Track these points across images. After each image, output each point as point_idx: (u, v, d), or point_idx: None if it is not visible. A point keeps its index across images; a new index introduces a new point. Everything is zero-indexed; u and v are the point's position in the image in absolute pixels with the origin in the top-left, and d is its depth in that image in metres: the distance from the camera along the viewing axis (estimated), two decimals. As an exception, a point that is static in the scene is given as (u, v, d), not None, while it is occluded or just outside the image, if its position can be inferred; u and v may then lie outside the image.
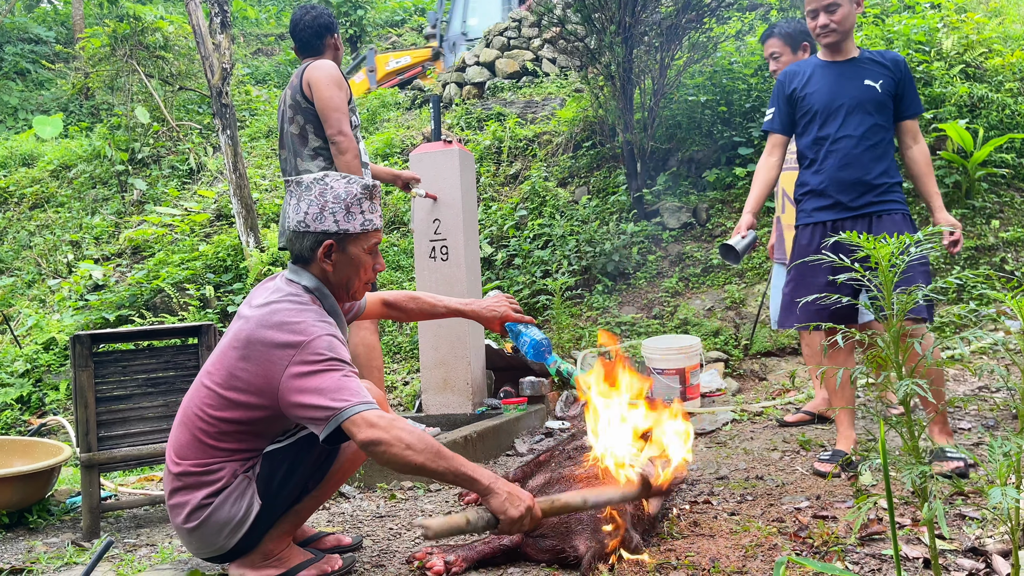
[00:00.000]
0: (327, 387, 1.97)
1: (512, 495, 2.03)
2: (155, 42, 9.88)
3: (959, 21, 6.77)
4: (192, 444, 2.14)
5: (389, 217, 7.81)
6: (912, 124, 3.16)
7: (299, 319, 2.07)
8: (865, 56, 3.16)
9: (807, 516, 2.65)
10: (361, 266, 2.25)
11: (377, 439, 1.91)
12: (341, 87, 3.55)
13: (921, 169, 3.13)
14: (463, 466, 2.00)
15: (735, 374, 5.11)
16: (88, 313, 6.89)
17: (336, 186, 2.20)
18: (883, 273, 1.41)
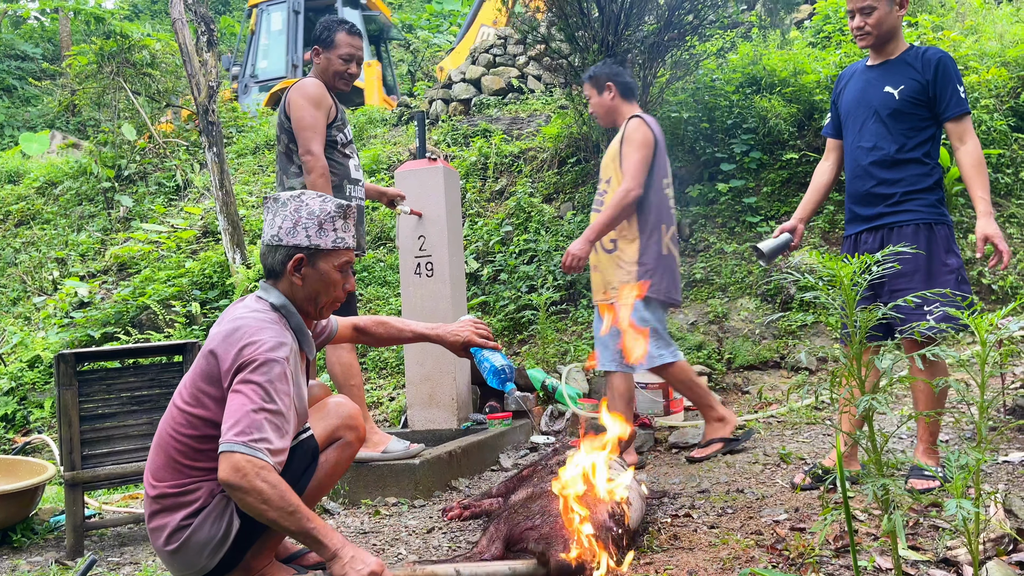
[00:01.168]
0: (235, 413, 1.99)
1: (356, 559, 2.01)
2: (142, 60, 9.91)
3: (936, 39, 6.89)
4: (167, 466, 2.16)
5: (375, 233, 7.84)
6: (954, 126, 2.92)
7: (256, 338, 2.09)
8: (902, 57, 3.01)
9: (784, 528, 2.68)
10: (330, 283, 2.28)
11: (236, 484, 1.93)
12: (318, 105, 3.52)
13: (968, 172, 2.90)
14: (315, 530, 1.99)
15: (718, 388, 5.16)
16: (73, 330, 6.87)
17: (311, 203, 2.26)
18: (846, 292, 1.46)
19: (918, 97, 2.94)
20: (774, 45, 7.61)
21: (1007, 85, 6.49)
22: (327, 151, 3.57)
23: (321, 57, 3.67)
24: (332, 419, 2.39)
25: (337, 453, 2.39)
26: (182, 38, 7.13)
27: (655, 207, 3.78)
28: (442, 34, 15.79)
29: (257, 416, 2.00)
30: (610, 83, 3.93)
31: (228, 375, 2.08)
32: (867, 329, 1.43)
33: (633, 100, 3.99)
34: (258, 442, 1.97)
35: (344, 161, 3.68)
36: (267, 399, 2.02)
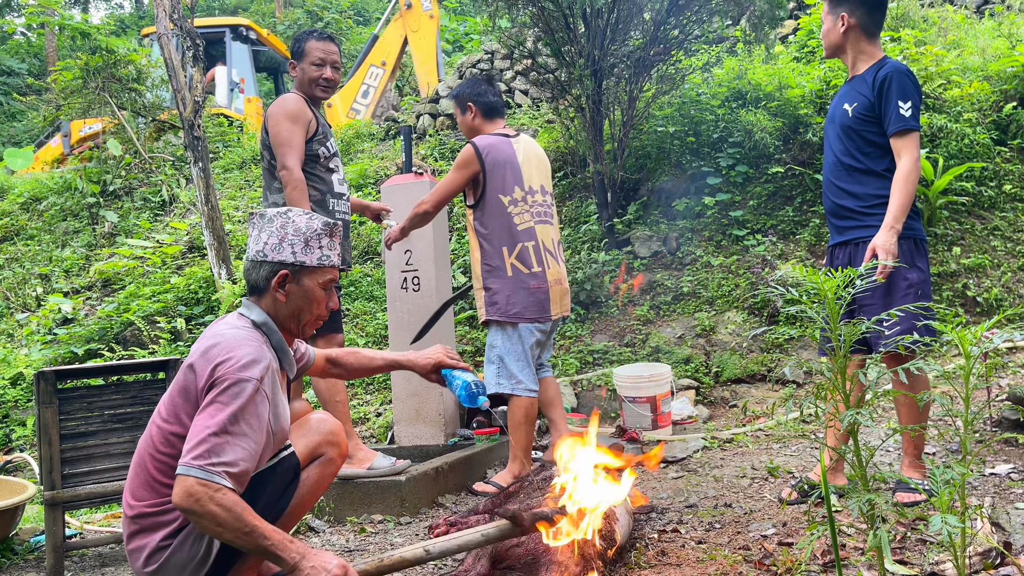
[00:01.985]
0: (196, 435, 1.97)
1: (316, 568, 1.98)
2: (128, 75, 9.88)
3: (918, 53, 6.96)
4: (146, 484, 2.12)
5: (362, 248, 7.82)
6: (895, 141, 2.93)
7: (230, 355, 2.06)
8: (863, 74, 3.05)
9: (773, 543, 2.67)
10: (314, 300, 2.27)
11: (189, 508, 1.92)
12: (296, 120, 3.50)
13: (893, 184, 2.92)
14: (272, 546, 1.97)
15: (706, 401, 5.15)
16: (57, 347, 6.80)
17: (298, 220, 2.26)
18: (829, 305, 1.45)
19: (867, 114, 2.98)
20: (759, 60, 7.66)
21: (989, 99, 6.56)
22: (309, 165, 3.55)
23: (297, 69, 3.70)
24: (314, 436, 2.37)
25: (319, 470, 2.37)
26: (167, 53, 7.11)
27: (496, 229, 3.75)
28: (429, 49, 15.84)
29: (218, 439, 1.96)
30: (471, 103, 3.96)
31: (202, 393, 2.06)
32: (851, 343, 1.43)
33: (497, 118, 3.99)
34: (215, 465, 1.94)
35: (327, 175, 3.64)
36: (231, 420, 1.99)
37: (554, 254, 3.86)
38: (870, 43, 3.08)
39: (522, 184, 3.79)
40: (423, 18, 11.72)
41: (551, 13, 6.34)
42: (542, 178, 3.92)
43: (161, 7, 7.22)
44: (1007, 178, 6.12)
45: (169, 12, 7.12)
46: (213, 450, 1.95)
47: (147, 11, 24.28)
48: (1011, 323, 5.16)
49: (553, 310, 3.78)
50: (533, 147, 3.96)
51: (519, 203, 3.77)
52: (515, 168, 3.79)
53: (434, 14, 11.68)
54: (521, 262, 3.73)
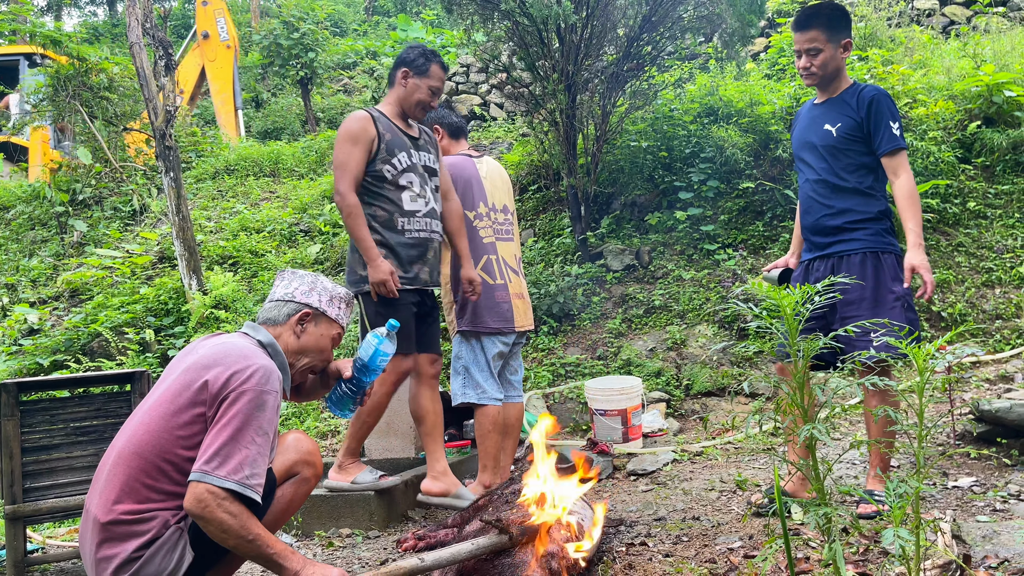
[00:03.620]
0: (212, 443, 2.04)
1: (317, 574, 2.07)
2: (99, 83, 9.77)
3: (885, 72, 7.09)
4: (127, 488, 2.09)
5: (336, 259, 7.79)
6: (888, 160, 3.02)
7: (247, 365, 2.13)
8: (842, 96, 3.12)
9: (739, 556, 2.69)
10: (321, 348, 2.44)
11: (198, 514, 2.00)
12: (355, 141, 3.40)
13: (900, 204, 2.99)
14: (275, 555, 2.06)
15: (676, 414, 5.19)
16: (22, 358, 6.68)
17: (326, 282, 2.50)
18: (788, 321, 1.48)
19: (854, 134, 3.05)
20: (731, 77, 7.77)
21: (954, 118, 6.69)
22: (374, 185, 3.44)
23: (409, 81, 3.54)
24: (291, 454, 2.40)
25: (294, 488, 2.40)
26: (139, 62, 7.06)
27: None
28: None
29: (234, 448, 2.03)
30: (437, 126, 4.01)
31: (215, 400, 2.09)
32: (809, 357, 1.45)
33: (461, 139, 4.07)
34: (232, 472, 2.01)
35: (395, 193, 3.46)
36: (248, 429, 2.06)
37: (515, 269, 3.93)
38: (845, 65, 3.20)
39: (485, 200, 3.88)
40: (220, 48, 11.97)
41: (525, 27, 6.39)
42: (505, 198, 4.00)
43: (134, 16, 7.17)
44: (971, 195, 6.25)
45: (141, 21, 7.07)
46: (228, 459, 2.01)
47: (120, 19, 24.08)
48: (972, 337, 5.25)
49: (517, 322, 3.82)
50: (496, 168, 4.05)
51: (484, 218, 3.86)
52: (479, 185, 3.88)
53: (231, 44, 11.83)
54: (486, 273, 3.79)
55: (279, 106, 14.31)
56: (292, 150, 10.88)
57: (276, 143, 11.64)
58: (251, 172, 10.40)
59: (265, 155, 10.70)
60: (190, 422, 2.10)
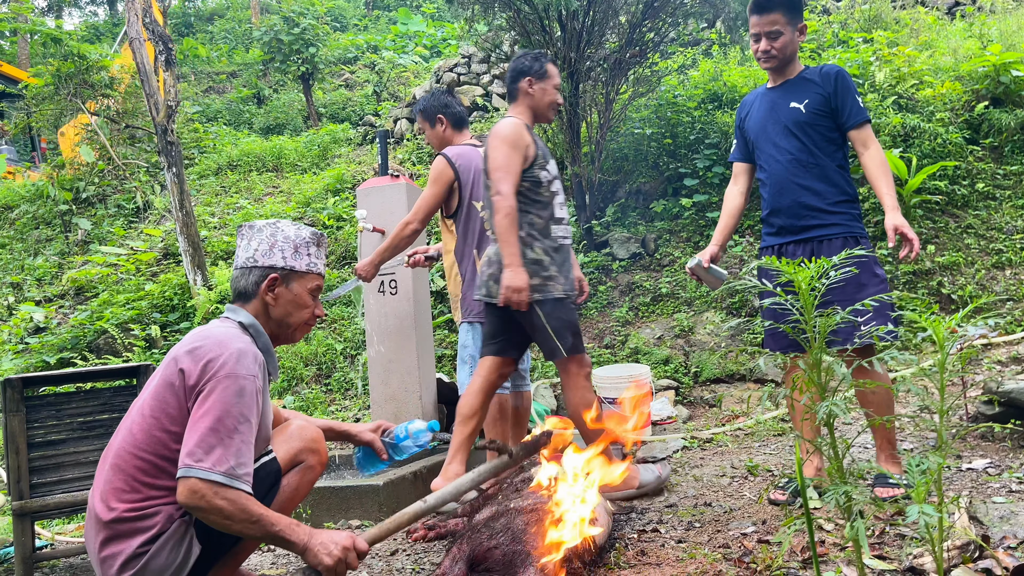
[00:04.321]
0: (194, 435, 1.99)
1: (325, 543, 2.06)
2: (100, 80, 9.75)
3: (891, 55, 7.02)
4: (127, 486, 2.07)
5: (340, 252, 7.76)
6: (857, 133, 3.03)
7: (221, 352, 2.07)
8: (801, 76, 3.13)
9: (752, 541, 2.66)
10: (302, 305, 2.32)
11: (195, 505, 1.96)
12: (514, 146, 3.33)
13: (873, 172, 2.99)
14: (281, 531, 2.04)
15: (685, 401, 5.15)
16: (28, 356, 6.68)
17: (287, 229, 2.33)
18: (804, 297, 1.44)
19: (822, 109, 3.04)
20: (734, 61, 7.71)
21: (961, 99, 6.63)
22: (532, 192, 3.37)
23: (535, 87, 3.49)
24: (295, 442, 2.35)
25: (299, 477, 2.35)
26: (140, 57, 7.03)
27: (470, 233, 3.80)
28: (407, 55, 15.80)
29: (219, 439, 1.98)
30: (441, 115, 3.99)
31: (192, 392, 2.05)
32: (826, 334, 1.42)
33: (464, 129, 4.02)
34: (217, 463, 1.96)
35: (549, 200, 3.43)
36: (228, 418, 2.01)
37: None
38: None
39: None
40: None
41: (527, 16, 6.34)
42: None
43: (133, 12, 7.14)
44: (980, 177, 6.19)
45: (141, 17, 7.04)
46: (212, 450, 1.97)
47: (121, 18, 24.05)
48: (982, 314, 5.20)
49: None
50: None
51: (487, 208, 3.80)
52: (478, 178, 3.83)
53: None
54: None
55: (281, 102, 14.28)
56: (295, 144, 10.85)
57: (278, 138, 11.61)
58: (254, 167, 10.38)
59: (268, 150, 10.67)
60: (178, 417, 2.06)
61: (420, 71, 13.84)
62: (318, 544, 2.06)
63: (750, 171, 3.36)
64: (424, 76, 12.71)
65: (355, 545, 2.09)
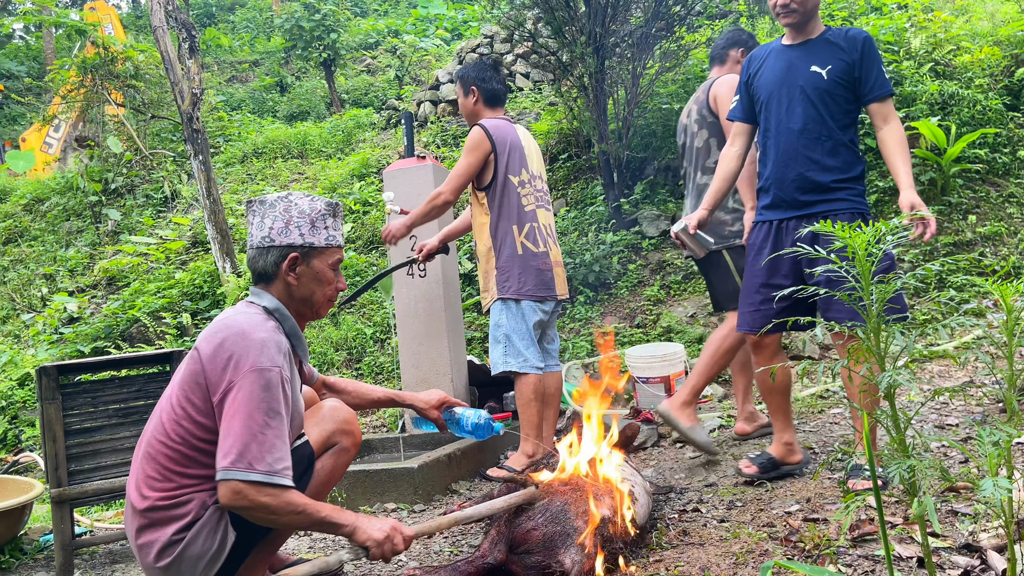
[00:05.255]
0: (229, 435, 1.95)
1: (372, 524, 2.06)
2: (125, 71, 9.79)
3: (926, 20, 6.83)
4: (159, 475, 2.06)
5: (367, 237, 7.74)
6: (879, 107, 2.83)
7: (244, 345, 2.02)
8: (824, 36, 2.89)
9: (797, 520, 2.59)
10: (324, 281, 2.24)
11: (239, 506, 1.94)
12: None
13: (890, 149, 2.80)
14: (327, 517, 2.02)
15: (720, 379, 5.07)
16: (63, 346, 6.76)
17: (300, 203, 2.23)
18: (860, 263, 1.37)
19: (844, 77, 2.82)
20: (763, 32, 7.54)
21: (1000, 64, 6.43)
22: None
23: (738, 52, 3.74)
24: (327, 424, 2.31)
25: (333, 459, 2.31)
26: (163, 46, 7.03)
27: (507, 208, 3.72)
28: (428, 38, 15.70)
29: (249, 436, 1.94)
30: (474, 87, 3.89)
31: (217, 388, 2.00)
32: (883, 303, 1.34)
33: (497, 107, 3.92)
34: (255, 462, 1.93)
35: None
36: (257, 414, 1.96)
37: (553, 238, 3.88)
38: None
39: (527, 167, 3.80)
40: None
41: (550, -9, 6.24)
42: (540, 167, 3.94)
43: (156, 1, 7.14)
44: (1021, 144, 6.00)
45: (164, 5, 7.03)
46: (251, 449, 1.93)
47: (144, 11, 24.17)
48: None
49: (558, 290, 3.78)
50: (529, 136, 3.95)
51: (526, 184, 3.78)
52: (520, 150, 3.78)
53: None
54: (529, 241, 3.72)
55: (303, 89, 14.28)
56: (319, 131, 10.84)
57: (302, 124, 11.61)
58: (279, 154, 10.39)
59: (292, 137, 10.67)
60: (204, 410, 2.03)
61: (442, 54, 13.74)
62: (366, 523, 2.05)
63: (751, 132, 3.10)
64: (446, 59, 12.62)
65: (401, 529, 2.08)
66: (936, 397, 1.18)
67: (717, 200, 3.14)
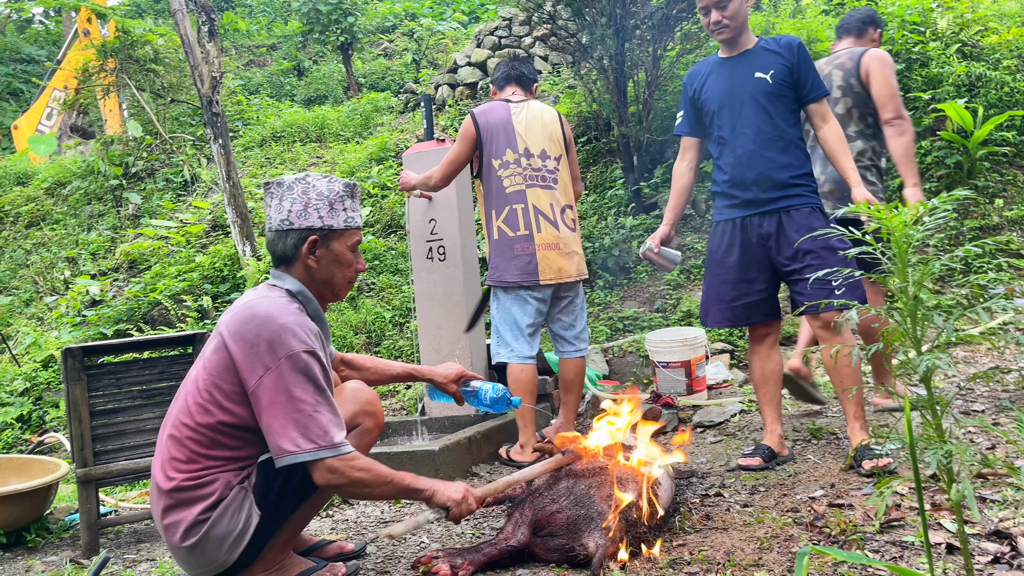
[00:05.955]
0: (297, 419, 1.99)
1: (448, 486, 2.22)
2: (145, 55, 9.82)
3: (953, 0, 6.70)
4: (183, 456, 2.07)
5: (386, 221, 7.74)
6: (817, 107, 3.03)
7: (278, 327, 2.04)
8: (759, 46, 3.09)
9: (822, 505, 2.57)
10: (344, 263, 2.26)
11: (336, 484, 2.04)
12: (894, 73, 3.60)
13: (834, 146, 3.00)
14: (409, 484, 2.17)
15: (741, 364, 5.04)
16: (86, 329, 6.82)
17: (318, 184, 2.22)
18: (897, 243, 1.34)
19: (787, 80, 3.01)
20: (786, 14, 7.44)
21: (1029, 45, 6.30)
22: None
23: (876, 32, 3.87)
24: (350, 405, 2.31)
25: (356, 441, 2.31)
26: (183, 29, 7.03)
27: (488, 193, 3.70)
28: (445, 21, 15.62)
29: (315, 415, 2.00)
30: (492, 84, 3.97)
31: (253, 375, 2.02)
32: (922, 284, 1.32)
33: (506, 86, 3.90)
34: (331, 437, 2.01)
35: None
36: (311, 393, 2.02)
37: (551, 219, 3.66)
38: None
39: (515, 147, 3.67)
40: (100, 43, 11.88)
41: (571, -28, 6.17)
42: (545, 143, 3.74)
43: (175, -17, 7.13)
44: (1050, 127, 5.89)
45: (183, -12, 7.03)
46: (319, 427, 2.00)
47: (162, -6, 24.21)
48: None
49: (543, 275, 3.59)
50: (540, 113, 3.79)
51: (510, 165, 3.67)
52: (508, 131, 3.69)
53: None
54: (507, 225, 3.64)
55: (321, 73, 14.25)
56: (337, 114, 10.83)
57: (320, 108, 11.60)
58: (297, 138, 10.39)
59: (310, 120, 10.67)
60: (232, 395, 2.05)
61: (459, 37, 13.67)
62: (441, 487, 2.20)
63: (699, 145, 3.32)
64: (464, 42, 12.55)
65: (471, 491, 2.22)
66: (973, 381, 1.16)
67: (677, 215, 3.38)
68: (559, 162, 3.78)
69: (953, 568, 1.98)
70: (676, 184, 3.39)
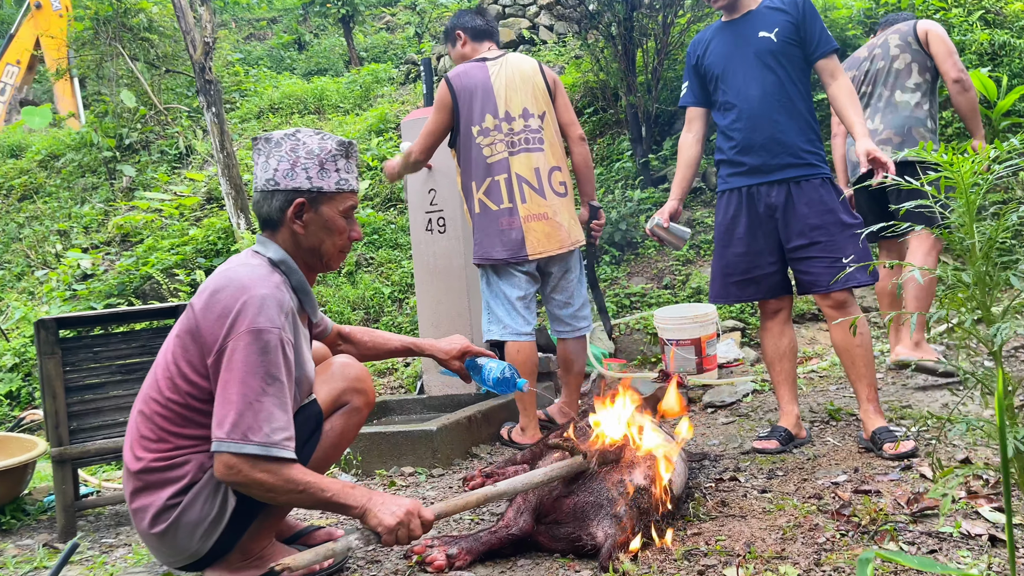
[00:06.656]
0: (224, 404, 1.79)
1: (387, 503, 1.85)
2: (139, 24, 9.57)
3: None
4: (152, 434, 1.89)
5: (385, 194, 7.54)
6: (828, 62, 2.88)
7: (241, 302, 1.83)
8: (763, 5, 2.94)
9: (847, 491, 2.39)
10: (335, 230, 2.03)
11: (234, 481, 1.79)
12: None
13: (843, 101, 2.85)
14: (333, 496, 1.83)
15: (753, 343, 4.85)
16: (76, 303, 6.65)
17: (309, 142, 2.00)
18: (962, 195, 1.14)
19: (793, 37, 2.88)
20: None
21: (1056, 13, 6.05)
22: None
23: None
24: (337, 382, 2.12)
25: (344, 420, 2.12)
26: (175, -6, 6.79)
27: (467, 164, 3.45)
28: (448, -7, 15.30)
29: (244, 405, 1.77)
30: (459, 31, 3.64)
31: (213, 347, 1.83)
32: (995, 240, 1.12)
33: (485, 40, 3.63)
34: (250, 433, 1.76)
35: None
36: (253, 380, 1.78)
37: (536, 186, 3.39)
38: None
39: (495, 111, 3.39)
40: (52, 17, 11.73)
41: (578, -66, 5.92)
42: (527, 100, 3.44)
43: (167, -54, 6.88)
44: (1076, 97, 5.65)
45: (175, -49, 6.77)
46: (244, 419, 1.76)
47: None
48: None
49: (531, 248, 3.35)
50: (519, 66, 3.49)
51: (491, 132, 3.40)
52: (487, 93, 3.40)
53: (63, 14, 11.61)
54: (488, 197, 3.39)
55: (322, 47, 13.98)
56: (336, 86, 10.59)
57: (320, 79, 11.34)
58: (295, 110, 10.16)
59: (309, 92, 10.43)
60: (200, 368, 1.86)
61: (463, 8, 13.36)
62: (379, 505, 1.84)
63: (705, 116, 3.16)
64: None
65: (419, 512, 1.86)
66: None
67: (685, 189, 3.23)
68: (543, 120, 3.48)
69: (997, 562, 1.80)
70: (683, 157, 3.24)
